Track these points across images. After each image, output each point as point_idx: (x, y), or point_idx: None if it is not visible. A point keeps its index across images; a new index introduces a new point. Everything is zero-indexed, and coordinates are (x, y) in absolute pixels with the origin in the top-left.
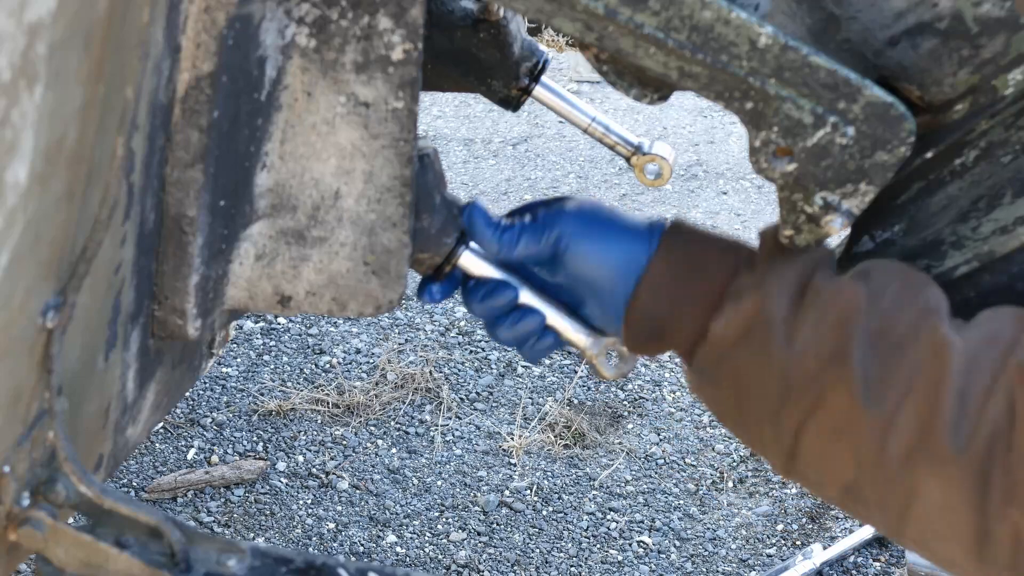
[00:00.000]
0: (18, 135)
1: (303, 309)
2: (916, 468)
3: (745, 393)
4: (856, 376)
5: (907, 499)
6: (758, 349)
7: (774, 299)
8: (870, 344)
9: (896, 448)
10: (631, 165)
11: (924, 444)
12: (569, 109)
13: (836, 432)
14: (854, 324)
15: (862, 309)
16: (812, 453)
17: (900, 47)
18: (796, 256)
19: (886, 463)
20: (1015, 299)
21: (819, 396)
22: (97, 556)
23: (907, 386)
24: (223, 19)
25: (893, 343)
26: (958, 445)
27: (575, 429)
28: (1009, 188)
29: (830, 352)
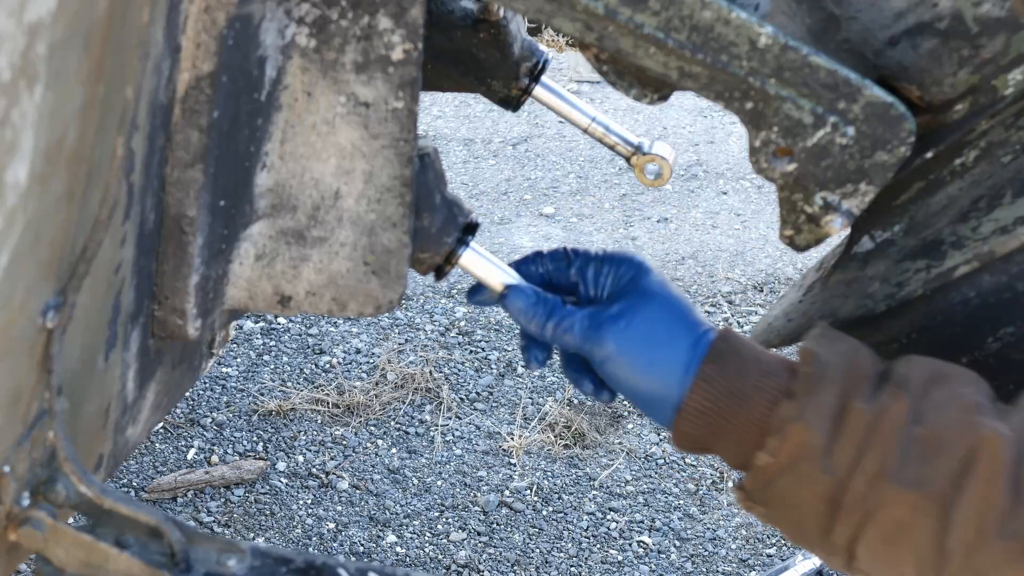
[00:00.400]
0: (18, 135)
1: (303, 309)
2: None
3: (795, 516)
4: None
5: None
6: (804, 477)
7: (815, 427)
8: (915, 451)
9: (956, 544)
10: (631, 165)
11: (983, 537)
12: (569, 109)
13: (890, 541)
14: (898, 439)
15: (905, 422)
16: (869, 560)
17: (900, 47)
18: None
19: (948, 560)
20: (1015, 299)
21: (869, 512)
22: (97, 556)
23: (958, 482)
24: (223, 19)
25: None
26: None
27: (575, 429)
28: (1009, 188)
29: (875, 471)
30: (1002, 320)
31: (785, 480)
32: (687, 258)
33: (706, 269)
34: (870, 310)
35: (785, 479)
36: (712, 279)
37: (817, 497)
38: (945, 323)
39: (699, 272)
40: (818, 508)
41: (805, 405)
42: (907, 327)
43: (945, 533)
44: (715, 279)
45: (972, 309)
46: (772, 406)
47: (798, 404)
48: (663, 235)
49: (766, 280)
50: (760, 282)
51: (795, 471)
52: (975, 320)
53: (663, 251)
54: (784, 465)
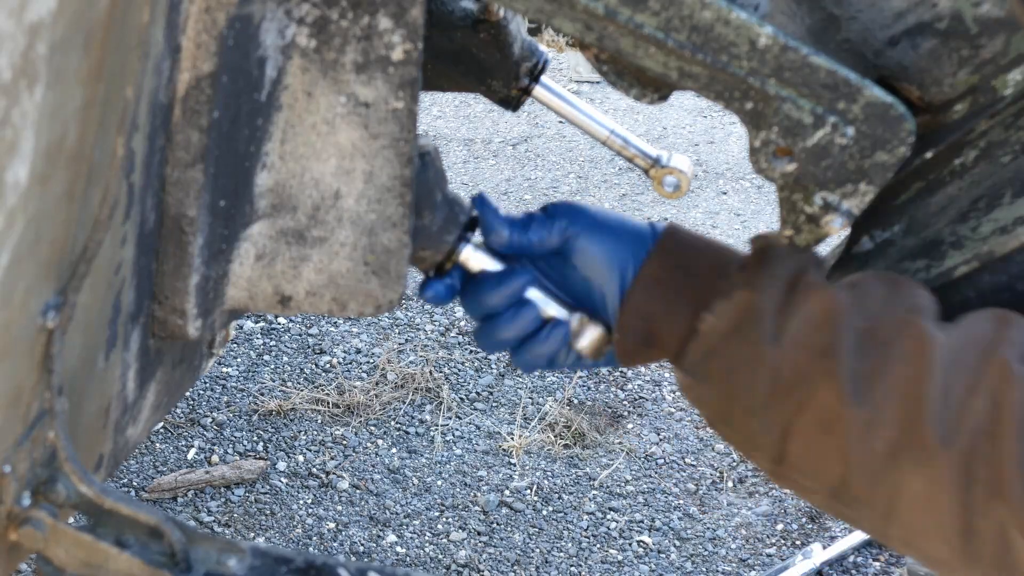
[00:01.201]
0: (18, 135)
1: (303, 309)
2: (901, 464)
3: (734, 388)
4: (843, 372)
5: (892, 496)
6: (747, 343)
7: (764, 294)
8: (857, 342)
9: (881, 444)
10: (650, 177)
11: (908, 439)
12: (587, 121)
13: (823, 429)
14: (842, 322)
15: (850, 308)
16: (800, 452)
17: (900, 47)
18: (787, 255)
19: (872, 459)
20: (1015, 299)
21: (807, 392)
22: (97, 556)
23: (892, 382)
24: (223, 19)
25: (879, 341)
26: (942, 439)
27: (575, 429)
28: (1009, 188)
29: (819, 348)
30: None
31: (728, 347)
32: None
33: None
34: None
35: (728, 345)
36: None
37: (758, 365)
38: None
39: None
40: (757, 379)
41: (756, 273)
42: None
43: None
44: None
45: (972, 309)
46: (723, 276)
47: (749, 273)
48: None
49: None
50: None
51: (739, 335)
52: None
53: None
54: (728, 329)
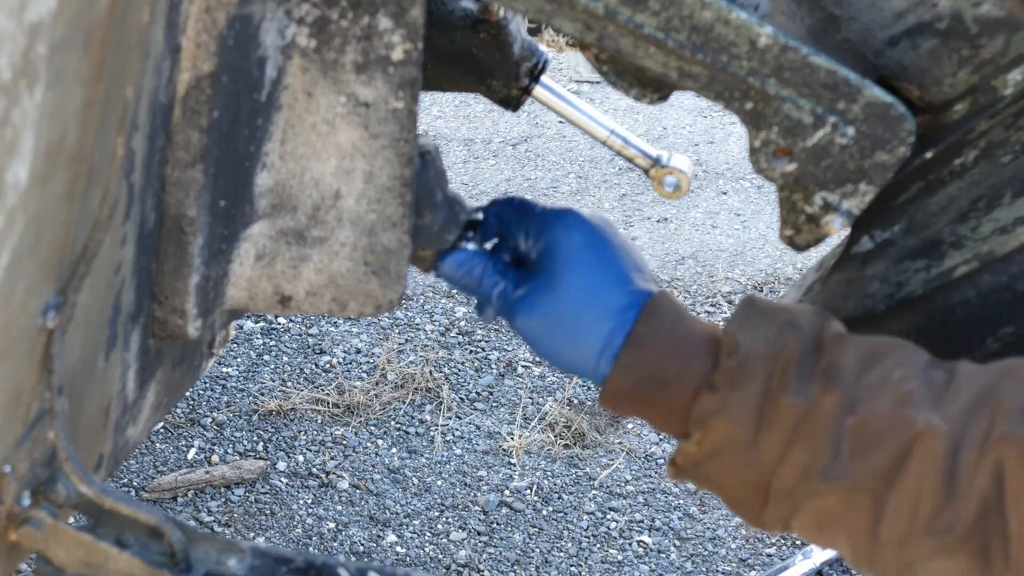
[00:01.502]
0: (18, 135)
1: (303, 309)
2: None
3: (726, 495)
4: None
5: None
6: (729, 468)
7: (738, 422)
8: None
9: (888, 535)
10: (650, 177)
11: (916, 529)
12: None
13: (822, 527)
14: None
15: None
16: (805, 536)
17: (900, 47)
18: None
19: (881, 548)
20: (1015, 299)
21: (799, 503)
22: (97, 556)
23: (891, 476)
24: (223, 19)
25: (871, 438)
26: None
27: (575, 429)
28: (1009, 188)
29: (805, 465)
30: (1002, 320)
31: (712, 466)
32: (687, 258)
33: (706, 269)
34: (870, 310)
35: (711, 465)
36: (712, 279)
37: (745, 485)
38: (945, 323)
39: (699, 272)
40: (747, 494)
41: (727, 398)
42: (907, 327)
43: (878, 524)
44: (715, 279)
45: (972, 309)
46: (694, 396)
47: (720, 397)
48: (663, 235)
49: (766, 280)
50: (760, 282)
51: (720, 461)
52: (975, 320)
53: (663, 251)
54: (710, 455)
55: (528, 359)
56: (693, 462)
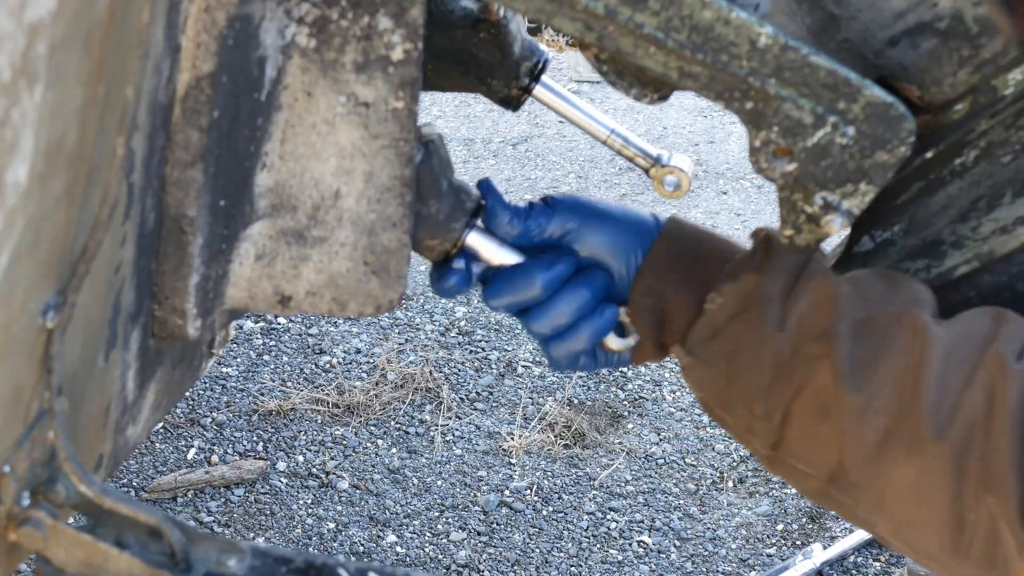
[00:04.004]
0: (18, 135)
1: (303, 309)
2: (893, 452)
3: (736, 371)
4: (841, 358)
5: (884, 485)
6: (752, 325)
7: (771, 279)
8: (855, 329)
9: (874, 430)
10: (650, 177)
11: (901, 427)
12: (587, 121)
13: (821, 413)
14: (842, 309)
15: (850, 298)
16: (798, 437)
17: (900, 47)
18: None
19: (865, 446)
20: (1015, 299)
21: (807, 375)
22: (97, 556)
23: (888, 370)
24: (223, 19)
25: (877, 332)
26: (935, 430)
27: (575, 429)
28: (1009, 188)
29: (818, 332)
30: None
31: (732, 328)
32: None
33: None
34: None
35: (733, 327)
36: None
37: (761, 348)
38: None
39: None
40: (760, 363)
41: (764, 259)
42: None
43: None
44: None
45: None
46: (729, 260)
47: (756, 259)
48: None
49: None
50: None
51: (744, 317)
52: None
53: None
54: (734, 310)
55: (528, 359)
56: (713, 328)
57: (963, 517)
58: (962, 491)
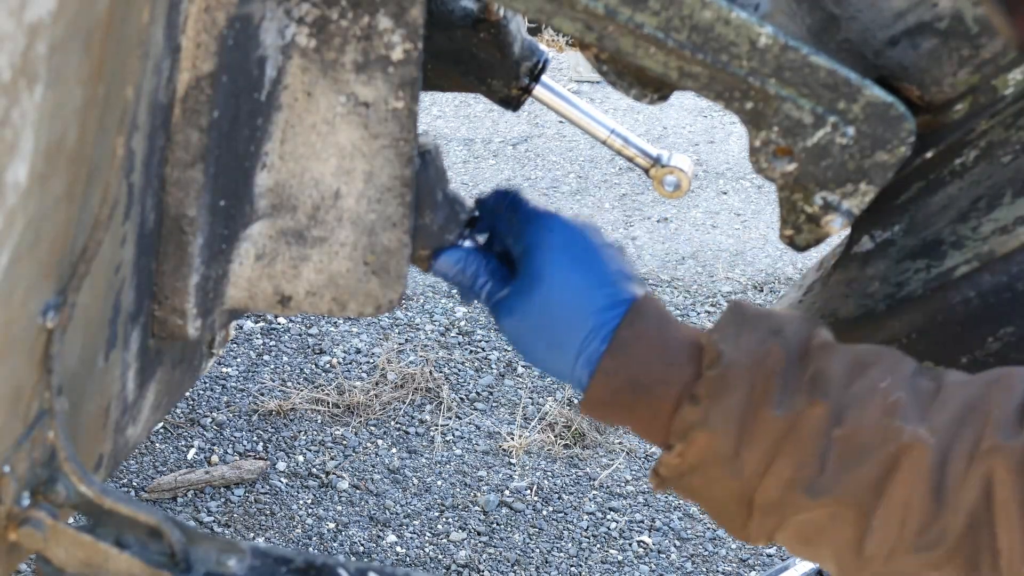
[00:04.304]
0: (18, 135)
1: (303, 309)
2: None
3: (710, 509)
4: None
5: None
6: (712, 479)
7: (720, 435)
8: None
9: (876, 549)
10: (650, 177)
11: (903, 543)
12: (587, 121)
13: (808, 541)
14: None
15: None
16: (791, 550)
17: (900, 47)
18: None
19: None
20: (1015, 299)
21: (784, 517)
22: (97, 556)
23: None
24: (223, 19)
25: (858, 449)
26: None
27: (575, 429)
28: (1009, 188)
29: (789, 477)
30: (1002, 320)
31: (695, 478)
32: (687, 258)
33: (706, 269)
34: (870, 310)
35: (695, 478)
36: (712, 279)
37: (729, 497)
38: (945, 323)
39: (699, 272)
40: (730, 506)
41: (709, 409)
42: (907, 327)
43: (864, 538)
44: (715, 279)
45: (972, 309)
46: (675, 407)
47: (702, 408)
48: (663, 235)
49: (766, 280)
50: (760, 282)
51: (703, 473)
52: (975, 320)
53: (663, 251)
54: (693, 464)
55: None
56: (676, 474)
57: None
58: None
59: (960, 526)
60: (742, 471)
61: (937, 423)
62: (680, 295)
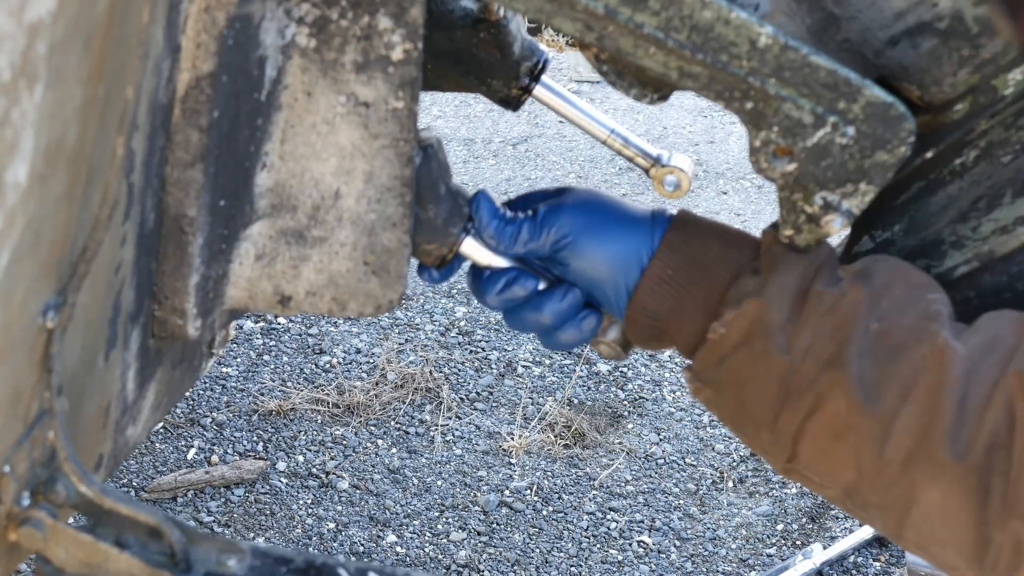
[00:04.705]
0: (18, 135)
1: (303, 309)
2: (915, 473)
3: (744, 396)
4: (853, 380)
5: (906, 504)
6: (758, 353)
7: (774, 305)
8: (869, 348)
9: (895, 452)
10: (650, 177)
11: (923, 449)
12: (587, 121)
13: (834, 436)
14: (853, 328)
15: (862, 312)
16: (811, 456)
17: (900, 47)
18: (798, 258)
19: (885, 467)
20: (1015, 299)
21: (817, 400)
22: (97, 556)
23: (906, 390)
24: (223, 19)
25: (892, 347)
26: (957, 452)
27: (575, 429)
28: (1009, 188)
29: (828, 356)
30: None
31: (738, 357)
32: None
33: None
34: None
35: (738, 355)
36: None
37: (768, 376)
38: None
39: None
40: (767, 389)
41: (766, 282)
42: None
43: (887, 438)
44: None
45: (972, 309)
46: (733, 278)
47: (760, 280)
48: None
49: None
50: None
51: (749, 347)
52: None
53: None
54: (738, 339)
55: (528, 359)
56: (718, 355)
57: (988, 537)
58: (987, 513)
59: (981, 445)
60: (788, 345)
61: (968, 343)
62: None
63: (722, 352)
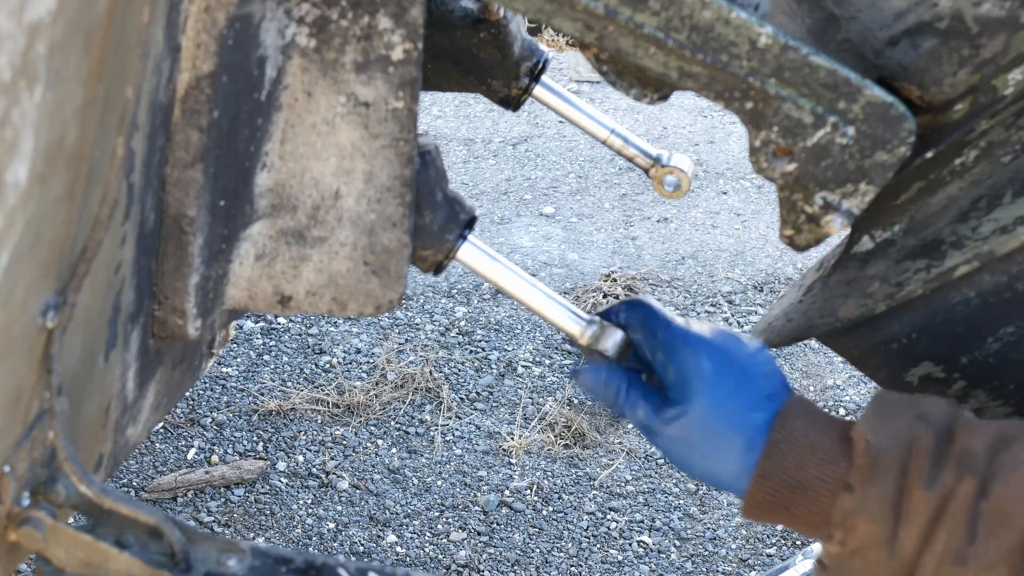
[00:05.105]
0: (18, 135)
1: (303, 309)
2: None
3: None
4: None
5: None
6: (873, 562)
7: (878, 522)
8: (983, 528)
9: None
10: (650, 177)
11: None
12: (587, 121)
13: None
14: (964, 520)
15: (971, 501)
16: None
17: (900, 47)
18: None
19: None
20: (1015, 299)
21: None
22: (97, 556)
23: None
24: (223, 19)
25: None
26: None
27: (575, 429)
28: (1009, 188)
29: (944, 551)
30: (1002, 320)
31: (856, 562)
32: (687, 258)
33: (706, 269)
34: (870, 310)
35: (856, 562)
36: (712, 279)
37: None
38: (945, 323)
39: (699, 272)
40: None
41: (864, 496)
42: (907, 327)
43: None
44: (715, 279)
45: (972, 309)
46: (832, 498)
47: (856, 496)
48: (663, 235)
49: (766, 280)
50: (760, 282)
51: (864, 556)
52: (975, 320)
53: (663, 251)
54: (853, 551)
55: (528, 359)
56: (838, 562)
57: None
58: None
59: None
60: (900, 552)
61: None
62: (680, 295)
63: (842, 559)
